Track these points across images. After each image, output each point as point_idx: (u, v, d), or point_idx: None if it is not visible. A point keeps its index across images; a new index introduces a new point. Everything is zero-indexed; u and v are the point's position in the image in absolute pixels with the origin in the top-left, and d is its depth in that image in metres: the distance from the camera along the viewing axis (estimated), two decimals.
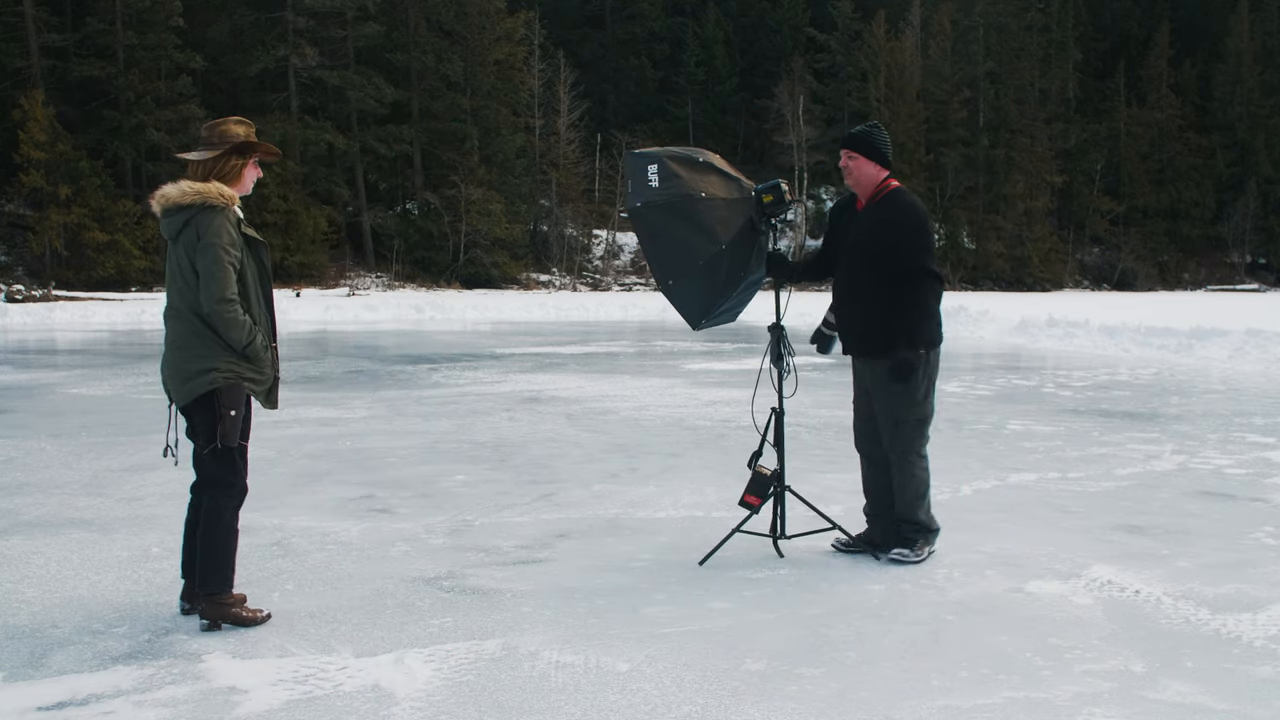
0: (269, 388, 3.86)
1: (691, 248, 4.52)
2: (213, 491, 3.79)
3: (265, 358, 3.78)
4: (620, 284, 55.56)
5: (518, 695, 3.20)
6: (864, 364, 4.76)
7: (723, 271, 4.55)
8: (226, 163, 3.80)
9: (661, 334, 22.17)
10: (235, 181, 3.83)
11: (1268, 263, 74.52)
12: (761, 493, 4.71)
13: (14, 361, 14.91)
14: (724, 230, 4.51)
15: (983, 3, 68.75)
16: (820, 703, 3.17)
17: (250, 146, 3.83)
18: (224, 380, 3.69)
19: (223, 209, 3.69)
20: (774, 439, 4.79)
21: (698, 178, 4.57)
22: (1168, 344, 16.93)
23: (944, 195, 66.44)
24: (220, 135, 3.81)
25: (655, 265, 4.63)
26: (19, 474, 6.57)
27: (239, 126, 3.85)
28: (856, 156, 4.64)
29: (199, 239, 3.65)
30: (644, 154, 4.67)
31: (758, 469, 4.74)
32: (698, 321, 4.71)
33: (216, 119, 3.95)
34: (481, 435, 8.22)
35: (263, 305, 3.83)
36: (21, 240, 41.32)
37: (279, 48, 47.19)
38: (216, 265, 3.62)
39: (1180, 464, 7.08)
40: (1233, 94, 74.53)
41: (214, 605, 3.75)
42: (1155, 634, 3.78)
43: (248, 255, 3.78)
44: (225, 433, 3.69)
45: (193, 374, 3.69)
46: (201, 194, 3.68)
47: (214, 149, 3.79)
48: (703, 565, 4.59)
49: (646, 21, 70.03)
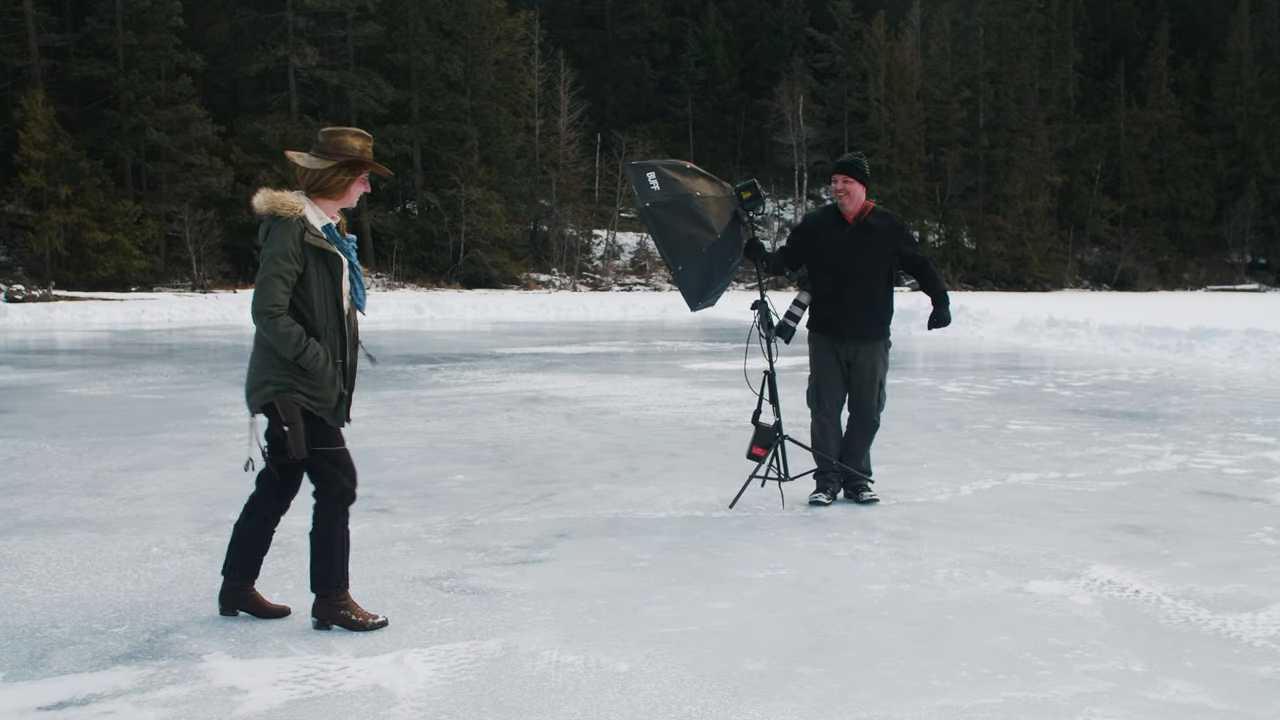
0: (335, 405, 3.74)
1: (694, 237, 5.44)
2: (317, 499, 3.81)
3: (325, 372, 3.66)
4: (620, 284, 55.55)
5: (518, 695, 3.20)
6: (858, 344, 5.79)
7: (717, 257, 5.52)
8: (334, 176, 3.72)
9: (661, 334, 22.17)
10: (339, 195, 3.76)
11: (1268, 263, 74.48)
12: (766, 443, 5.59)
13: (14, 361, 14.91)
14: (718, 222, 5.49)
15: (983, 3, 68.73)
16: (820, 703, 3.17)
17: (361, 164, 3.75)
18: (276, 393, 3.64)
19: (287, 220, 3.61)
20: (770, 396, 5.69)
21: (689, 181, 5.53)
22: (1168, 344, 16.92)
23: (944, 195, 66.42)
24: (335, 146, 3.73)
25: (667, 254, 5.53)
26: (19, 474, 6.57)
27: (356, 140, 3.76)
28: (852, 181, 5.75)
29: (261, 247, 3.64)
30: (641, 164, 5.57)
31: (760, 424, 5.62)
32: (695, 304, 5.63)
33: (337, 126, 3.85)
34: (481, 435, 8.22)
35: (331, 320, 3.71)
36: (21, 240, 41.29)
37: (279, 48, 47.15)
38: (265, 275, 3.56)
39: (1180, 464, 7.08)
40: (1233, 94, 74.50)
41: (325, 606, 3.78)
42: (1155, 634, 3.78)
43: (318, 267, 3.66)
44: (290, 445, 3.64)
45: (256, 384, 3.69)
46: (271, 204, 3.63)
47: (326, 159, 3.71)
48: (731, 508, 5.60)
49: (646, 21, 70.00)
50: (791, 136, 62.39)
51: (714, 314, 6.72)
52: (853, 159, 5.84)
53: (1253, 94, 74.18)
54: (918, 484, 6.38)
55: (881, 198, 63.74)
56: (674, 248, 5.47)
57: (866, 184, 5.81)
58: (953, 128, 65.79)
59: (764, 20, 73.49)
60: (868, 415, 5.89)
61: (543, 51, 58.86)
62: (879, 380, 5.86)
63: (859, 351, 5.81)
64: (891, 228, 5.82)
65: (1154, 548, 4.95)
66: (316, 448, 3.71)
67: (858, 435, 5.90)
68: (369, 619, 3.79)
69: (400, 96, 50.34)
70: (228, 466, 6.82)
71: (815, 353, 5.94)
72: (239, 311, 29.43)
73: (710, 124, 69.07)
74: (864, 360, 5.81)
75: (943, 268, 63.35)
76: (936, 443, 7.95)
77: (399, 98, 50.17)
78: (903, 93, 64.70)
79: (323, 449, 3.73)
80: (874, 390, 5.86)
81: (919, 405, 10.18)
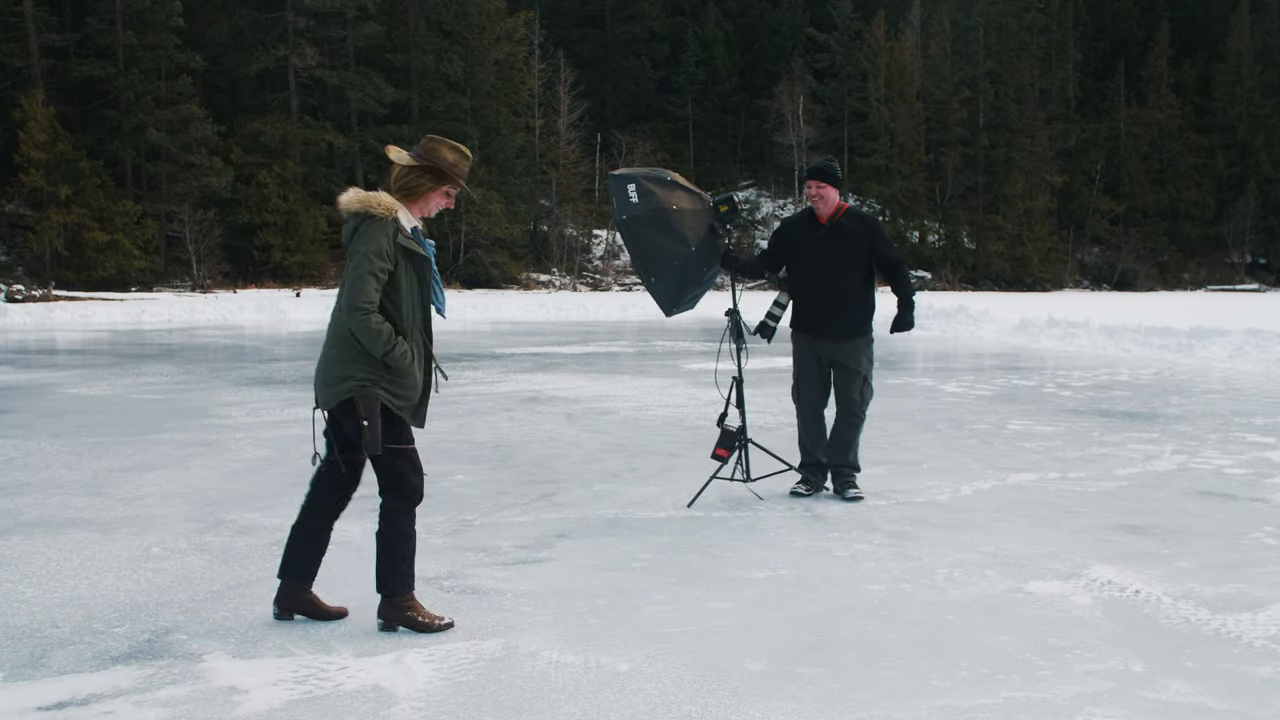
0: (415, 404, 3.77)
1: (668, 251, 5.59)
2: (384, 498, 3.80)
3: (411, 371, 3.69)
4: (620, 284, 55.52)
5: (518, 695, 3.20)
6: (837, 343, 5.94)
7: (692, 268, 5.68)
8: (418, 179, 3.75)
9: (661, 334, 22.17)
10: (418, 199, 3.78)
11: (1268, 263, 74.44)
12: (729, 445, 5.77)
13: (14, 361, 14.91)
14: (693, 235, 5.62)
15: (983, 3, 68.71)
16: (820, 703, 3.17)
17: (445, 177, 3.78)
18: (359, 389, 3.63)
19: (382, 219, 3.63)
20: (736, 401, 5.86)
21: (668, 194, 5.62)
22: (1168, 344, 16.92)
23: (944, 195, 66.42)
24: (429, 151, 3.76)
25: (639, 265, 5.70)
26: (19, 474, 6.57)
27: (451, 153, 3.79)
28: (824, 185, 5.91)
29: (353, 245, 3.65)
30: (622, 175, 5.69)
31: (725, 426, 5.81)
32: (669, 310, 5.82)
33: (440, 135, 3.92)
34: (481, 435, 8.22)
35: (417, 320, 3.75)
36: (21, 240, 41.30)
37: (279, 48, 47.15)
38: (359, 273, 3.57)
39: (1180, 464, 7.08)
40: (1233, 94, 74.48)
41: (392, 607, 3.76)
42: (1155, 634, 3.78)
43: (408, 268, 3.69)
44: (367, 441, 3.63)
45: (334, 379, 3.67)
46: (364, 203, 3.66)
47: (416, 160, 3.76)
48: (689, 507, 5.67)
49: (646, 21, 69.97)
50: (791, 136, 62.38)
51: (714, 314, 6.81)
52: (823, 163, 6.03)
53: (1253, 94, 74.16)
54: (918, 484, 6.38)
55: (881, 198, 63.83)
56: (647, 260, 5.64)
57: (839, 186, 5.99)
58: (953, 128, 65.77)
59: (764, 20, 73.46)
60: (851, 411, 6.00)
61: (543, 51, 58.84)
62: (862, 376, 5.98)
63: (839, 350, 5.96)
64: (864, 228, 5.95)
65: (1154, 548, 4.95)
66: (390, 445, 3.71)
67: (843, 431, 6.01)
68: (435, 620, 3.78)
69: (400, 96, 50.35)
70: (228, 466, 6.82)
71: (796, 352, 6.13)
72: (239, 311, 29.44)
73: (710, 124, 69.05)
74: (845, 358, 5.96)
75: (943, 268, 63.38)
76: (936, 443, 7.95)
77: (399, 98, 50.18)
78: (903, 93, 64.69)
79: (396, 446, 3.73)
80: (857, 387, 5.98)
81: (919, 405, 10.18)
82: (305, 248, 45.57)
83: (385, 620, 3.77)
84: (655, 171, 5.76)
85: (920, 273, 62.11)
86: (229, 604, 4.05)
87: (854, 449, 6.02)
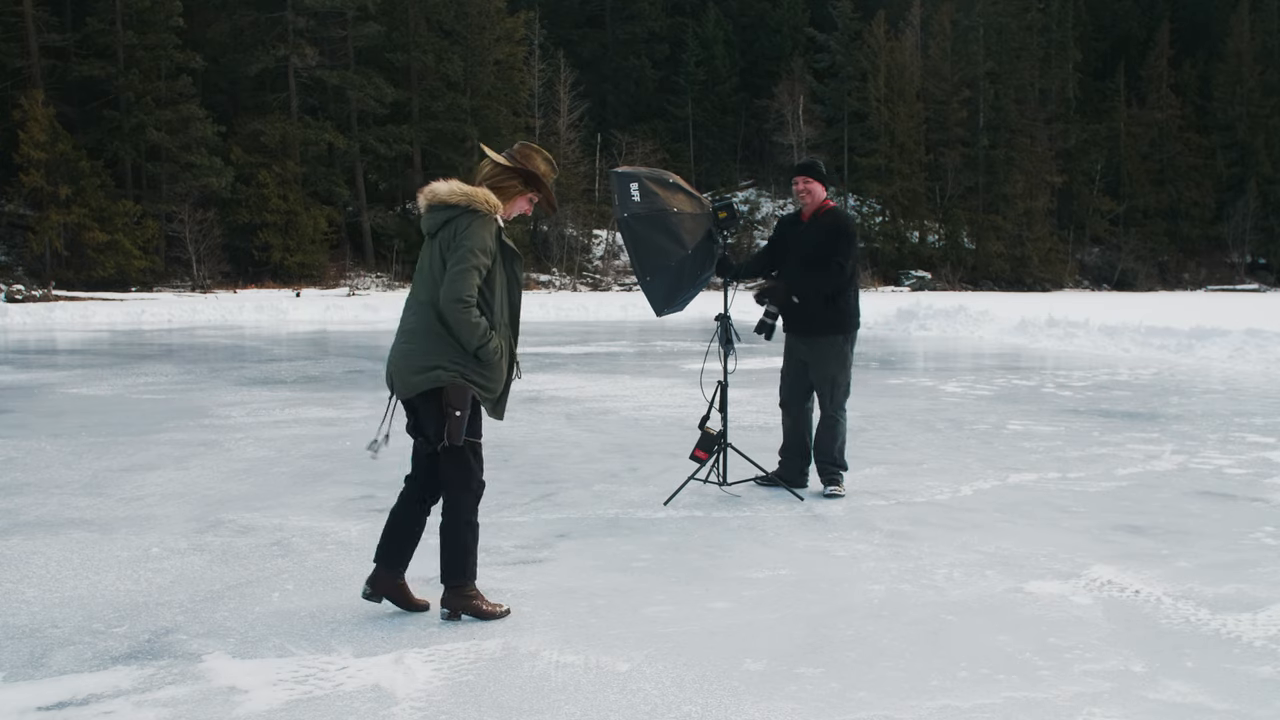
0: (498, 397, 3.83)
1: (666, 251, 5.67)
2: (450, 488, 3.84)
3: (499, 365, 3.76)
4: (620, 284, 55.53)
5: (518, 695, 3.20)
6: (808, 341, 6.02)
7: (687, 271, 5.76)
8: (509, 179, 3.86)
9: (661, 334, 22.17)
10: (505, 200, 3.85)
11: (1268, 263, 74.47)
12: (708, 448, 5.86)
13: (14, 361, 14.92)
14: (690, 238, 5.69)
15: (983, 3, 68.72)
16: (820, 703, 3.17)
17: (535, 181, 3.87)
18: (449, 378, 3.68)
19: (486, 215, 3.69)
20: (719, 405, 5.93)
21: (669, 195, 5.68)
22: (1168, 344, 16.92)
23: (944, 195, 66.43)
24: (522, 155, 3.88)
25: (637, 264, 5.77)
26: (19, 474, 6.57)
27: (544, 164, 3.92)
28: (811, 181, 6.00)
29: (455, 238, 3.68)
30: (625, 173, 5.73)
31: (706, 429, 5.87)
32: (660, 310, 5.89)
33: (532, 143, 4.01)
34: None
35: (506, 316, 3.82)
36: (21, 240, 41.31)
37: (279, 48, 47.16)
38: (463, 266, 3.62)
39: (1180, 464, 7.08)
40: (1233, 94, 74.51)
41: (456, 596, 3.84)
42: (1155, 634, 3.78)
43: (502, 265, 3.77)
44: (451, 431, 3.68)
45: (420, 368, 3.70)
46: (469, 196, 3.71)
47: (510, 161, 3.85)
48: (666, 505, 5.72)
49: (646, 21, 70.00)
50: (791, 136, 62.40)
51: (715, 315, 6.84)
52: (810, 160, 6.17)
53: (1253, 94, 74.18)
54: (918, 484, 6.38)
55: (881, 198, 63.86)
56: (645, 259, 5.72)
57: (825, 183, 6.05)
58: (953, 128, 65.79)
59: (764, 20, 73.49)
60: (825, 411, 6.05)
61: (543, 51, 58.87)
62: (830, 376, 5.99)
63: (811, 348, 6.03)
64: (833, 225, 5.93)
65: (1154, 548, 4.95)
66: (468, 437, 3.77)
67: (820, 431, 6.08)
68: (496, 608, 3.88)
69: (400, 96, 50.35)
70: (228, 466, 6.82)
71: (784, 350, 6.26)
72: (239, 311, 29.44)
73: (710, 124, 69.07)
74: (817, 357, 6.01)
75: (943, 268, 63.40)
76: (936, 443, 7.95)
77: (399, 98, 50.18)
78: (903, 93, 64.70)
79: (472, 439, 3.79)
80: (826, 388, 6.01)
81: (919, 405, 10.18)
82: (305, 248, 45.57)
83: (450, 609, 3.85)
84: (657, 172, 5.83)
85: (920, 273, 62.14)
86: (229, 604, 4.05)
87: (835, 448, 6.03)
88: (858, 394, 10.99)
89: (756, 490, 6.11)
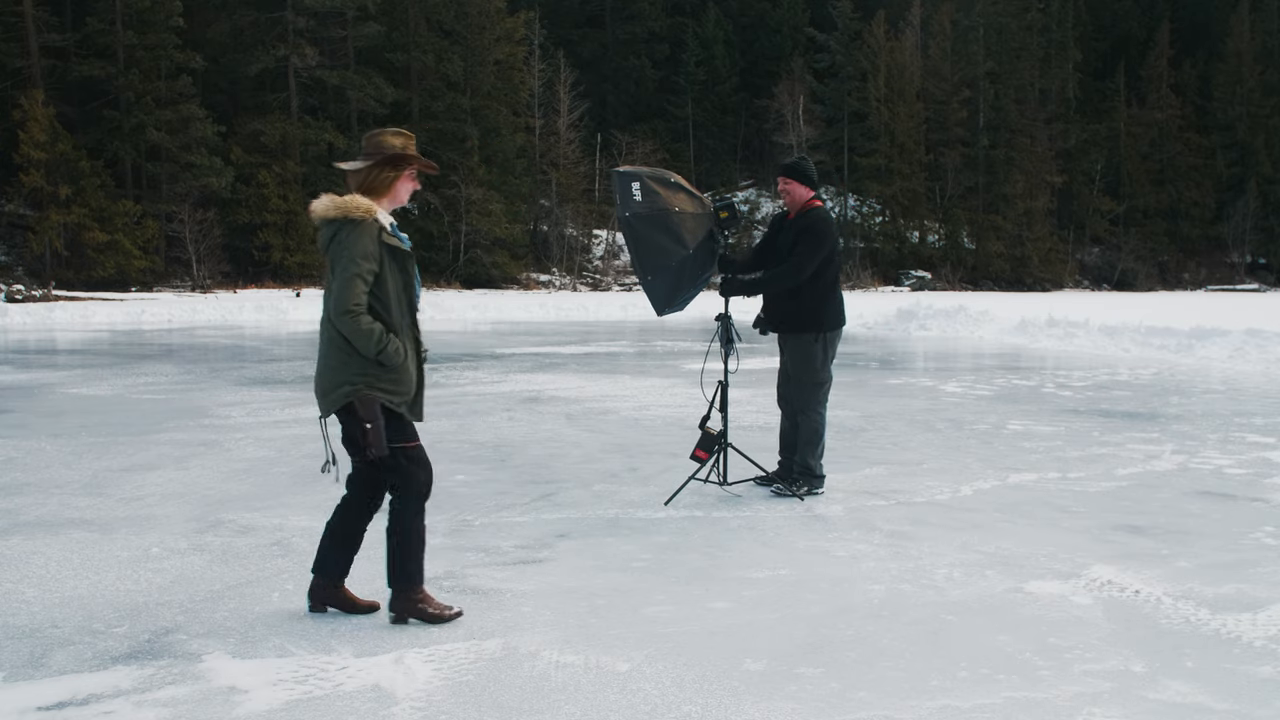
0: (411, 399, 3.80)
1: (667, 251, 5.67)
2: (393, 494, 3.84)
3: (405, 368, 3.73)
4: (620, 284, 55.54)
5: (518, 695, 3.20)
6: (782, 339, 6.05)
7: (688, 271, 5.76)
8: (379, 174, 3.78)
9: (661, 334, 22.17)
10: (386, 193, 3.80)
11: (1268, 263, 74.48)
12: (709, 448, 5.86)
13: (14, 361, 14.91)
14: (691, 238, 5.69)
15: (983, 3, 68.72)
16: (820, 703, 3.17)
17: (403, 159, 3.80)
18: (356, 393, 3.66)
19: (362, 221, 3.65)
20: (720, 405, 5.92)
21: (671, 195, 5.69)
22: (1168, 344, 16.92)
23: (944, 195, 66.43)
24: (375, 146, 3.80)
25: (638, 263, 5.77)
26: (19, 474, 6.57)
27: (395, 139, 3.82)
28: (791, 181, 6.02)
29: (337, 250, 3.66)
30: (627, 172, 5.74)
31: (706, 429, 5.87)
32: (661, 309, 5.88)
33: (378, 129, 3.92)
34: (481, 435, 8.22)
35: (405, 316, 3.78)
36: (21, 240, 41.31)
37: (279, 48, 47.16)
38: (346, 276, 3.60)
39: (1180, 464, 7.08)
40: (1233, 94, 74.51)
41: (403, 600, 3.82)
42: (1155, 634, 3.78)
43: (391, 266, 3.72)
44: (371, 442, 3.67)
45: (329, 387, 3.71)
46: (342, 208, 3.68)
47: (368, 159, 3.79)
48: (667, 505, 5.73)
49: (646, 21, 70.00)
50: (791, 136, 62.39)
51: (715, 315, 6.89)
52: (792, 161, 6.12)
53: (1253, 94, 74.19)
54: (918, 484, 6.38)
55: (881, 198, 63.86)
56: (645, 258, 5.72)
57: (807, 183, 6.01)
58: (953, 128, 65.80)
59: (764, 20, 73.49)
60: (799, 412, 6.01)
61: (543, 51, 58.86)
62: (798, 375, 5.97)
63: (785, 346, 6.07)
64: (804, 225, 5.90)
65: (1154, 548, 4.95)
66: (394, 445, 3.75)
67: (799, 430, 6.04)
68: (445, 610, 3.85)
69: (400, 96, 50.35)
70: (228, 466, 6.82)
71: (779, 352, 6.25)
72: (239, 311, 29.44)
73: (710, 124, 69.07)
74: (788, 356, 6.05)
75: (943, 268, 63.39)
76: (937, 443, 7.95)
77: (399, 98, 50.18)
78: (903, 93, 64.70)
79: (400, 445, 3.77)
80: (796, 386, 6.00)
81: (919, 405, 10.18)
82: (305, 248, 45.55)
83: (396, 613, 3.82)
84: (659, 172, 5.85)
85: (920, 273, 62.15)
86: (229, 604, 4.05)
87: (807, 449, 5.97)
88: (858, 394, 11.00)
89: (757, 490, 6.11)
